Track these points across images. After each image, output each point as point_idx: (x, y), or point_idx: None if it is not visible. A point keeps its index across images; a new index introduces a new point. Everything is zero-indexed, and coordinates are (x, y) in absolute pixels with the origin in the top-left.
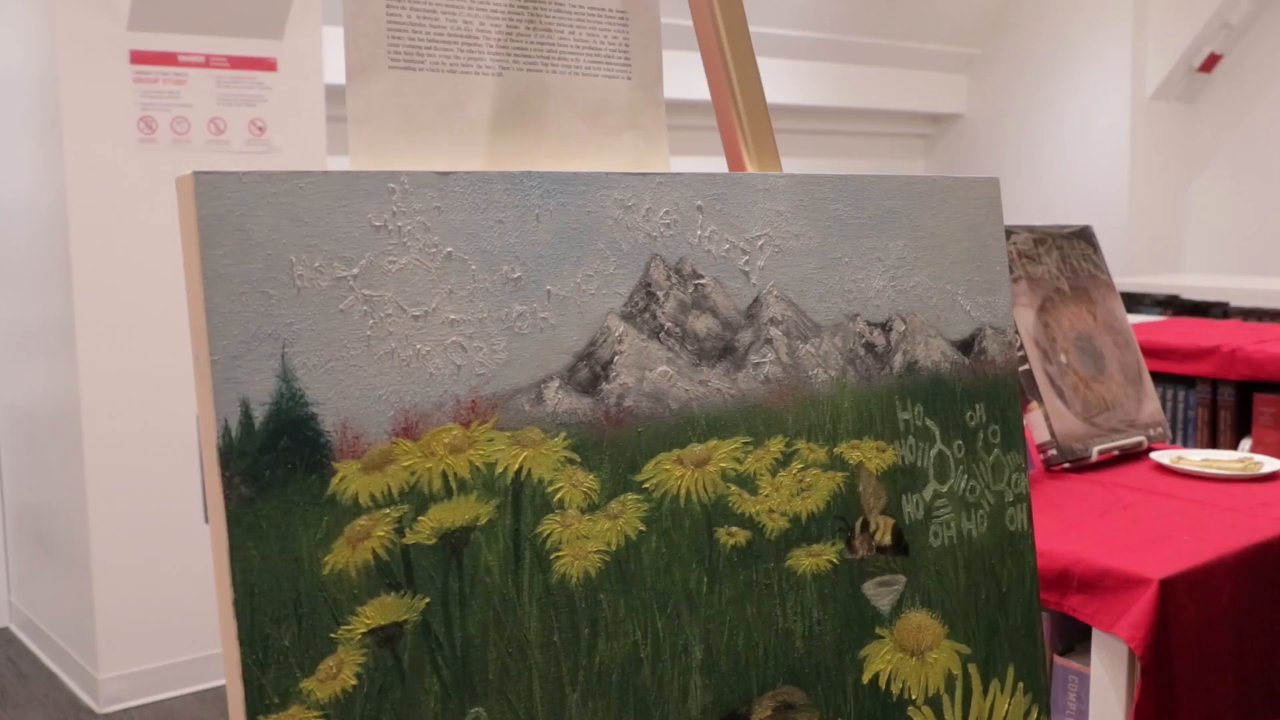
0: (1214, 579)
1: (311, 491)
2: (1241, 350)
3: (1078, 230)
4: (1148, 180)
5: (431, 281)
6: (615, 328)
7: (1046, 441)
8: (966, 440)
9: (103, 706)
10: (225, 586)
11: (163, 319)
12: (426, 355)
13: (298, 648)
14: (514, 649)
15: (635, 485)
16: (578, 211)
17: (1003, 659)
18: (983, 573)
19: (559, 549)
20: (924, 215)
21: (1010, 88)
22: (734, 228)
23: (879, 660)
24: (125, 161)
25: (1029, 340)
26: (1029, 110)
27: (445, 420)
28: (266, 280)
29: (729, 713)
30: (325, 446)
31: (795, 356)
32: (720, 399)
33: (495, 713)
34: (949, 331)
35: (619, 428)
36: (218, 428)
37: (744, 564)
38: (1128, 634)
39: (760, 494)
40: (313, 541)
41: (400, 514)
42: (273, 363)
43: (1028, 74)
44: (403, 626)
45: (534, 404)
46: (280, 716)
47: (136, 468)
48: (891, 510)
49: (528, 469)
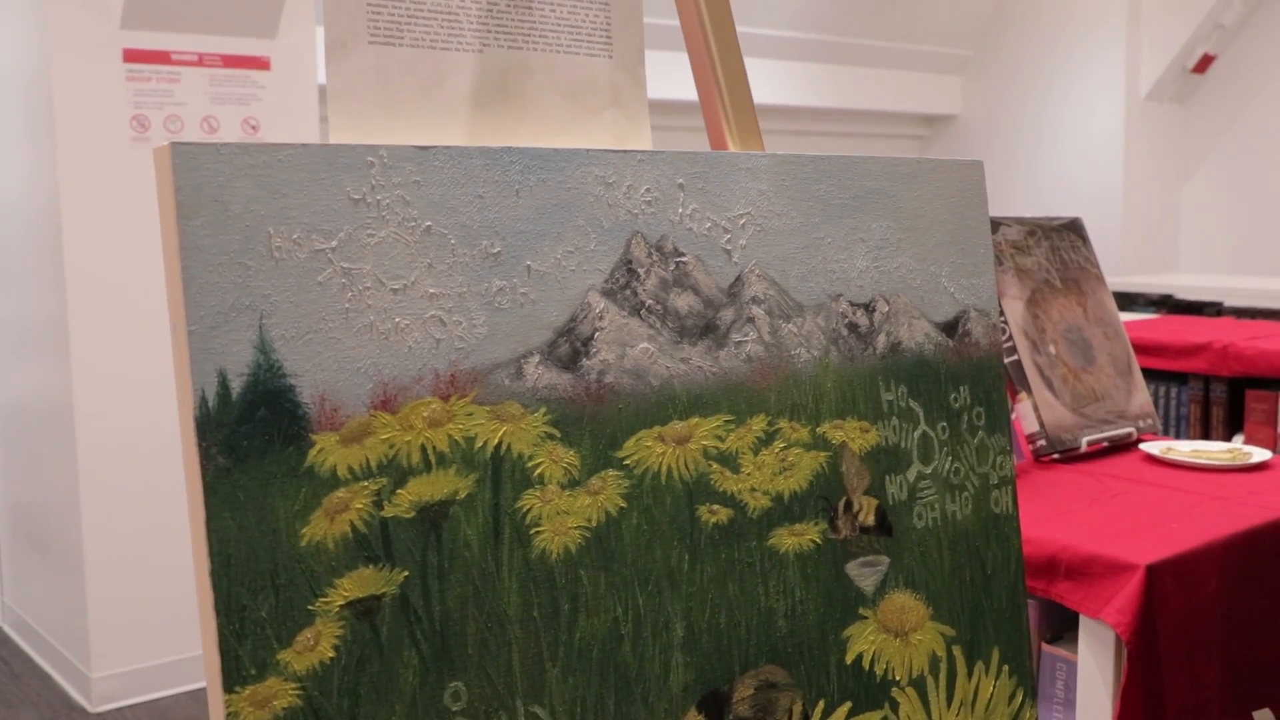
0: (1201, 566)
1: (289, 463)
2: (1234, 346)
3: (1067, 222)
4: (1142, 181)
5: (411, 255)
6: (596, 304)
7: (1036, 432)
8: (951, 422)
9: (95, 705)
10: (202, 557)
11: (156, 318)
12: (405, 329)
13: (275, 619)
14: (493, 624)
15: (616, 462)
16: (558, 188)
17: (987, 642)
18: (967, 555)
19: (539, 524)
20: (907, 197)
21: (1004, 89)
22: (716, 206)
23: (862, 641)
24: (118, 160)
25: (1018, 331)
26: (1023, 111)
27: (424, 394)
28: (244, 251)
29: (711, 691)
30: (303, 418)
31: (777, 336)
32: (702, 377)
33: (475, 687)
34: (933, 313)
35: (600, 404)
36: (195, 398)
37: (726, 542)
38: (1114, 619)
39: (742, 472)
40: (290, 513)
41: (378, 487)
42: (250, 334)
43: (1022, 75)
44: (381, 599)
45: (514, 379)
46: (257, 688)
47: (129, 467)
48: (875, 491)
49: (507, 444)
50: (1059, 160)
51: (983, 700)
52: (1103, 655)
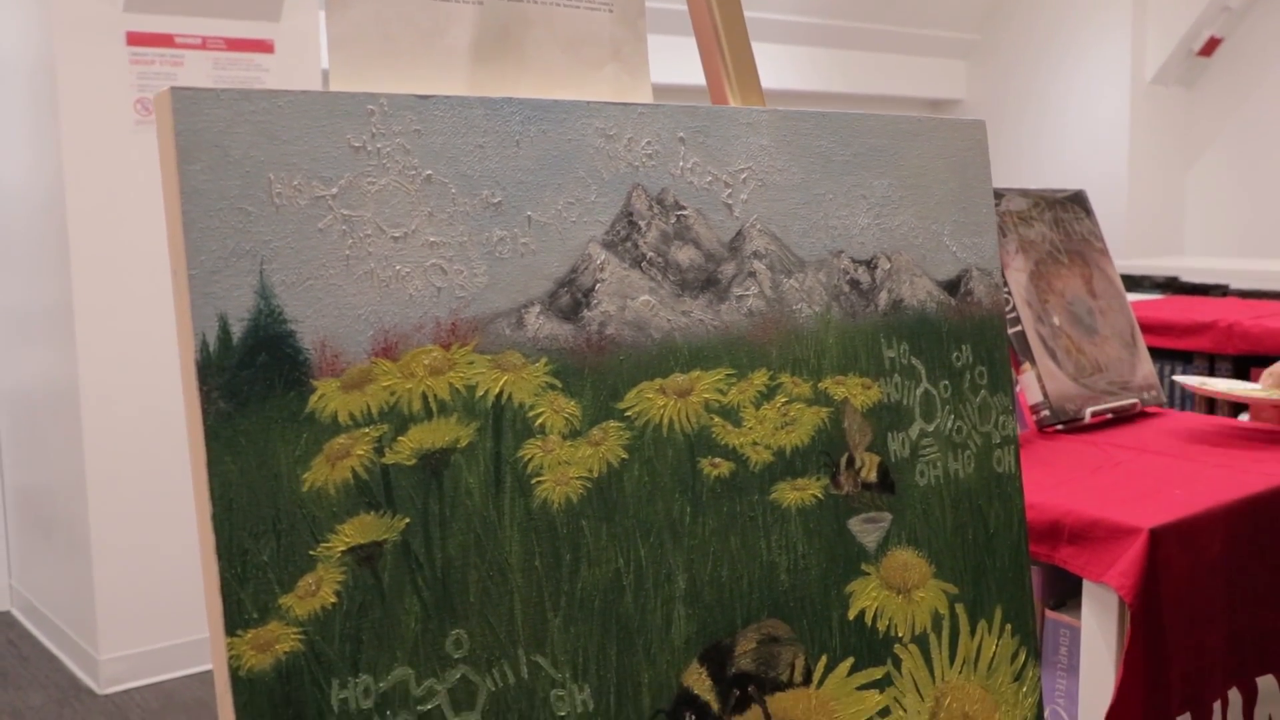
0: (1205, 531)
1: (290, 408)
2: (1239, 325)
3: (1072, 194)
4: (1147, 165)
5: (411, 203)
6: (597, 255)
7: (1039, 402)
8: (953, 380)
9: (103, 688)
10: (203, 501)
11: (161, 302)
12: (406, 276)
13: (277, 563)
14: (495, 572)
15: (617, 413)
16: (558, 139)
17: (990, 600)
18: (970, 513)
19: (540, 474)
20: (909, 154)
21: (1009, 73)
22: (716, 160)
23: (865, 597)
24: (122, 143)
25: (1021, 302)
26: (1028, 95)
27: (425, 342)
28: (244, 197)
29: (713, 644)
30: (304, 364)
31: (779, 290)
32: (703, 330)
33: (476, 635)
34: (935, 271)
35: (601, 355)
36: (195, 342)
37: (727, 495)
38: (1117, 582)
39: (744, 426)
40: (291, 458)
41: (380, 434)
42: (251, 279)
43: (1027, 59)
44: (382, 546)
45: (515, 329)
46: (259, 631)
47: (135, 451)
48: (877, 448)
49: (508, 393)
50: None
51: (985, 659)
52: (1106, 620)
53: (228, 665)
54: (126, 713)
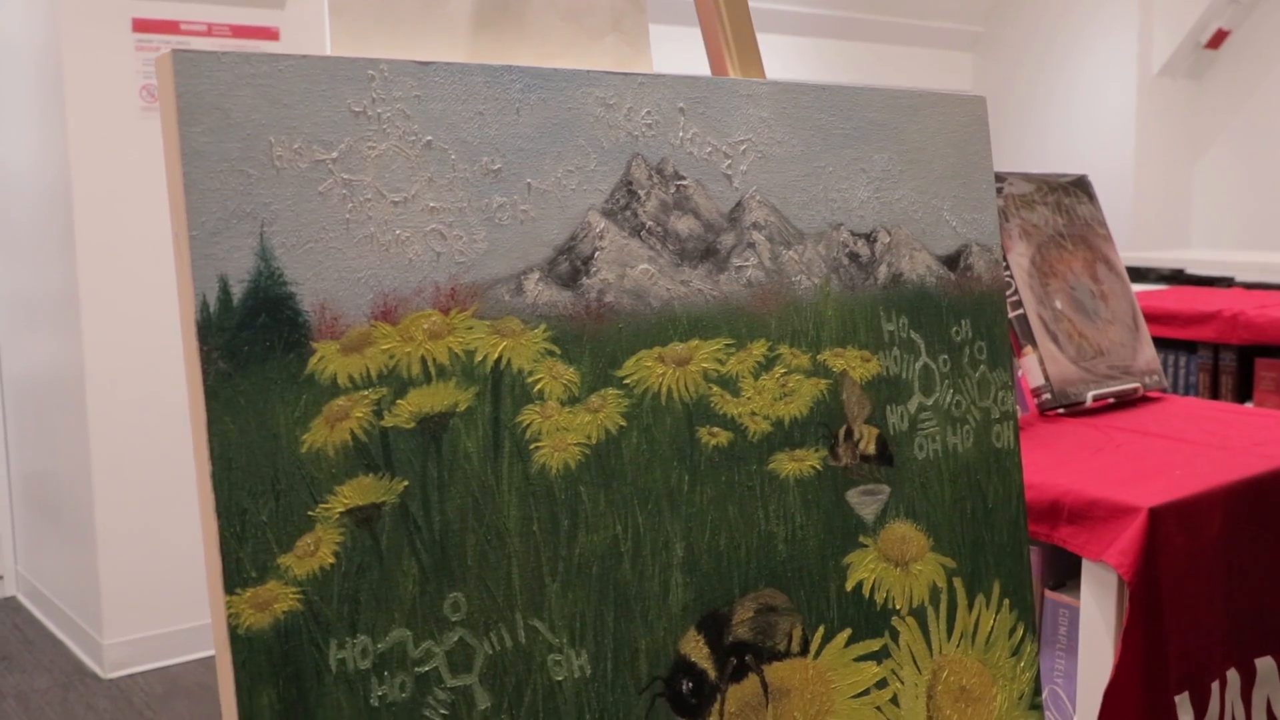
0: (1204, 511)
1: (290, 370)
2: (1243, 315)
3: (1075, 179)
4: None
5: (411, 169)
6: (596, 224)
7: (1041, 386)
8: (952, 355)
9: (107, 672)
10: (203, 460)
11: (167, 289)
12: (406, 241)
13: (275, 523)
14: (493, 536)
15: (616, 380)
16: (558, 107)
17: (988, 575)
18: (968, 487)
19: (539, 439)
20: (909, 129)
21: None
22: (716, 131)
23: (863, 569)
24: (128, 131)
25: (1023, 285)
26: (1034, 87)
27: (424, 306)
28: (245, 159)
29: (710, 612)
30: (304, 326)
31: (778, 262)
32: (702, 300)
33: (474, 598)
34: (934, 246)
35: (599, 322)
36: (196, 302)
37: (726, 465)
38: (1116, 561)
39: (742, 396)
40: (290, 419)
41: (379, 396)
42: (251, 241)
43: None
44: (381, 508)
45: (514, 295)
46: (258, 590)
47: (140, 437)
48: (876, 420)
49: (507, 358)
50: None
51: (983, 633)
52: (1105, 599)
53: (226, 623)
54: (130, 697)
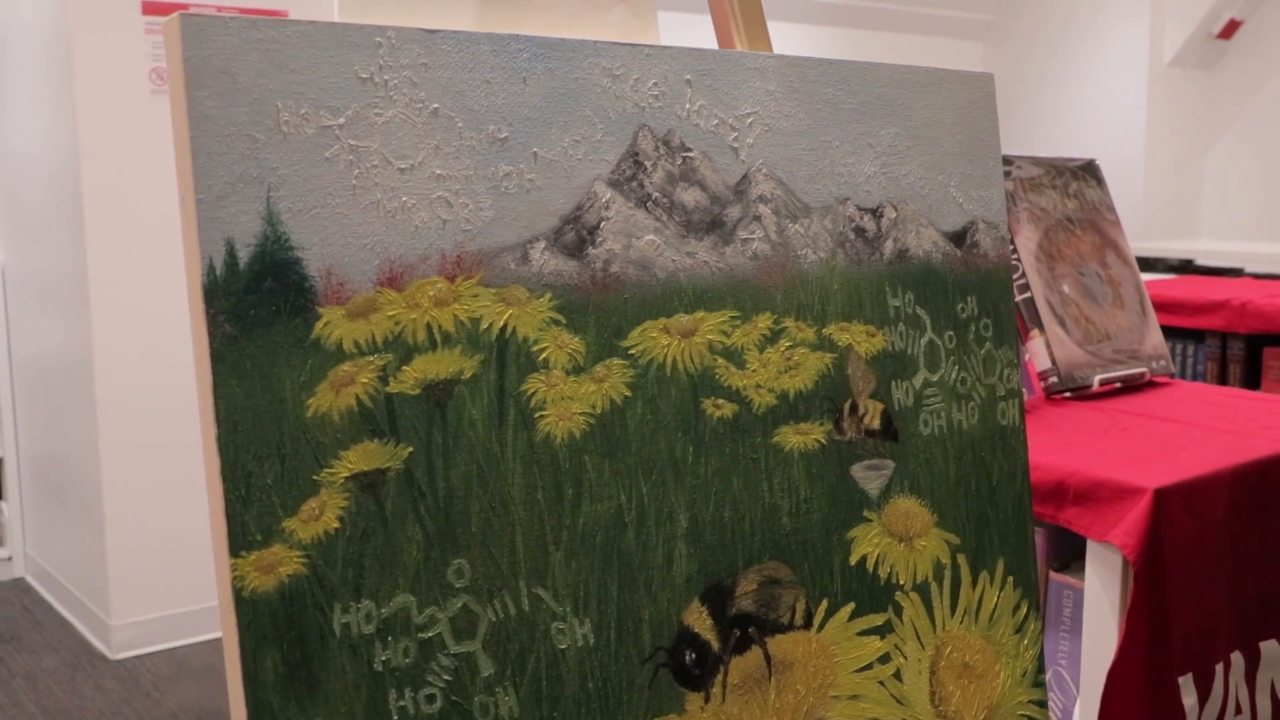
0: (1210, 492)
1: (295, 334)
2: (1252, 304)
3: (1084, 164)
4: (1164, 147)
5: (418, 136)
6: (602, 194)
7: (1047, 369)
8: (958, 331)
9: (115, 653)
10: (209, 423)
11: (176, 272)
12: (412, 208)
13: (280, 487)
14: (497, 504)
15: (621, 351)
16: (565, 77)
17: (993, 552)
18: (973, 464)
19: (543, 408)
20: (916, 105)
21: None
22: (723, 104)
23: (867, 543)
24: (138, 113)
25: (1031, 269)
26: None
27: (430, 273)
28: (252, 124)
29: (714, 583)
30: (310, 291)
31: (784, 235)
32: (708, 272)
33: (478, 565)
34: (941, 222)
35: (605, 292)
36: (202, 265)
37: (730, 437)
38: (1121, 541)
39: (748, 369)
40: (296, 384)
41: (384, 362)
42: (258, 205)
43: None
44: (386, 474)
45: (519, 263)
46: (263, 554)
47: (149, 420)
48: (881, 395)
49: (513, 327)
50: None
51: (987, 610)
52: (1109, 580)
53: (231, 586)
54: (138, 677)
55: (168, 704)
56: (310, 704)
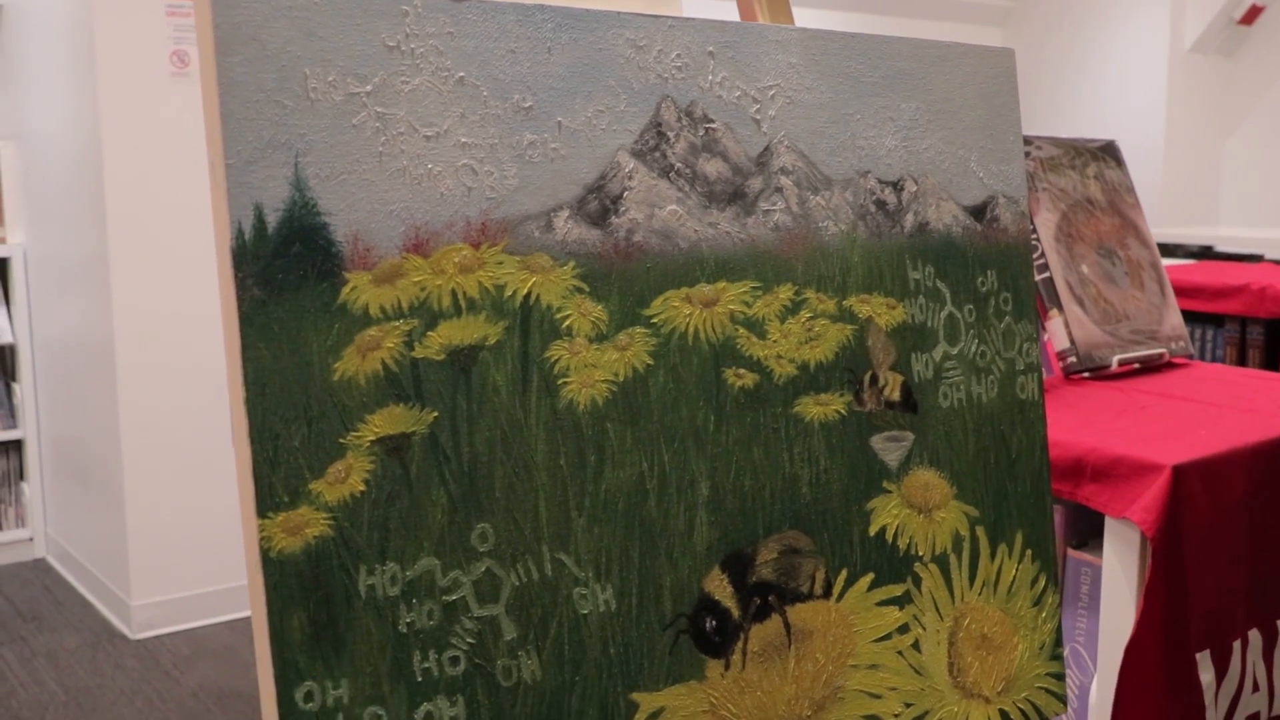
0: (1228, 470)
1: (323, 299)
2: (1272, 288)
3: (1103, 145)
4: (1184, 134)
5: (444, 104)
6: (625, 164)
7: (1066, 349)
8: (978, 305)
9: (135, 633)
10: (237, 385)
11: (196, 253)
12: (438, 175)
13: (307, 449)
14: (521, 469)
15: (643, 319)
16: (589, 48)
17: (1011, 525)
18: (992, 437)
19: (567, 375)
20: (937, 79)
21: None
22: (745, 76)
23: (886, 514)
24: (159, 95)
25: (1050, 248)
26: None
27: (455, 240)
28: (281, 90)
29: (734, 551)
30: (336, 256)
31: (805, 207)
32: (730, 242)
33: (502, 530)
34: (961, 196)
35: (628, 261)
36: (231, 229)
37: (751, 406)
38: (1139, 518)
39: (769, 339)
40: (323, 347)
41: (410, 328)
42: (286, 171)
43: (1064, 26)
44: (411, 438)
45: (544, 231)
46: (290, 515)
47: (169, 401)
48: (901, 367)
49: (536, 294)
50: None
51: (1005, 582)
52: (1128, 556)
53: (259, 546)
54: (158, 657)
55: (187, 683)
56: (336, 664)
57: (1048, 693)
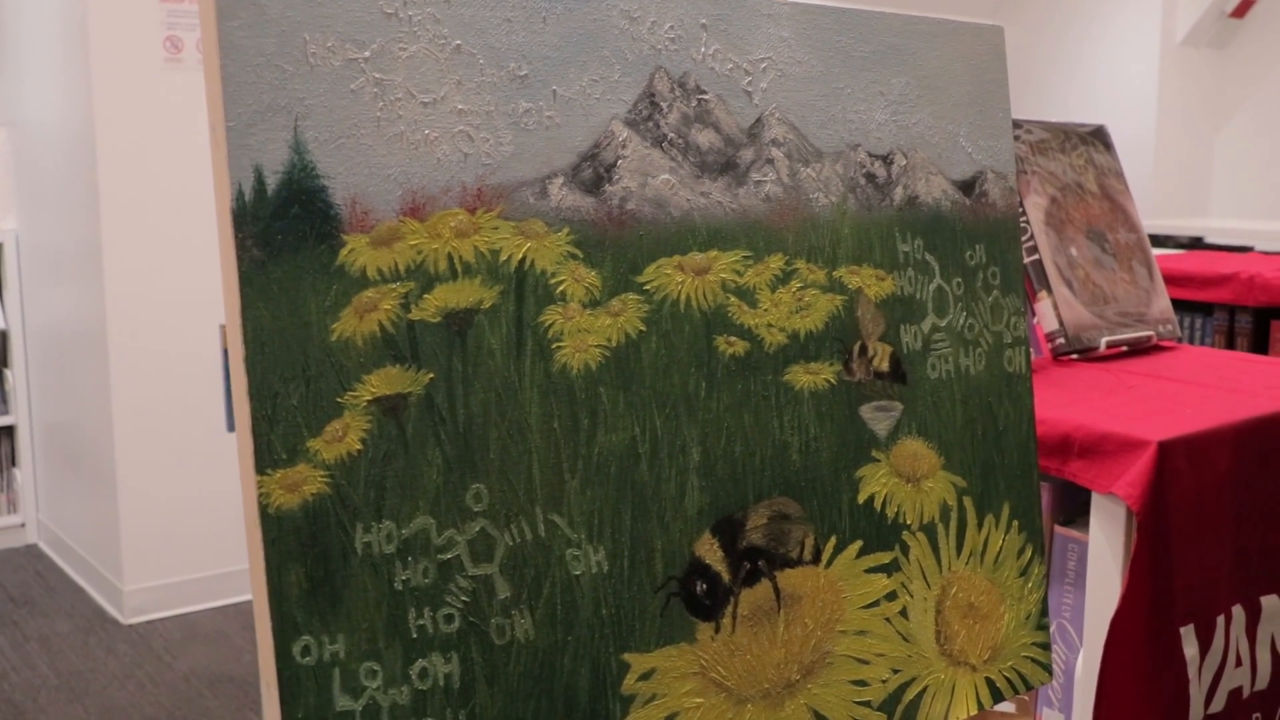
0: (1214, 446)
1: (321, 260)
2: (1260, 277)
3: (1093, 129)
4: (1175, 126)
5: (441, 71)
6: (619, 132)
7: (1055, 330)
8: (966, 278)
9: (127, 618)
10: (237, 344)
11: (189, 240)
12: (435, 141)
13: (305, 408)
14: (515, 431)
15: (636, 286)
16: (584, 18)
17: (998, 496)
18: (979, 409)
19: (560, 339)
20: (927, 55)
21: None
22: (737, 49)
23: (875, 482)
24: (152, 82)
25: (1039, 231)
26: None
27: (451, 205)
28: (280, 55)
29: (725, 516)
30: (335, 219)
31: (796, 179)
32: (721, 211)
33: (496, 490)
34: (950, 171)
35: (621, 228)
36: (232, 191)
37: (742, 373)
38: (1125, 492)
39: (760, 308)
40: (321, 308)
41: (406, 290)
42: (285, 134)
43: (1055, 18)
44: (407, 398)
45: (538, 198)
46: (288, 472)
47: (162, 388)
48: (890, 338)
49: (531, 259)
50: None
51: (992, 552)
52: (1114, 532)
53: (257, 502)
54: (150, 642)
55: (179, 668)
56: (333, 619)
57: (1033, 662)
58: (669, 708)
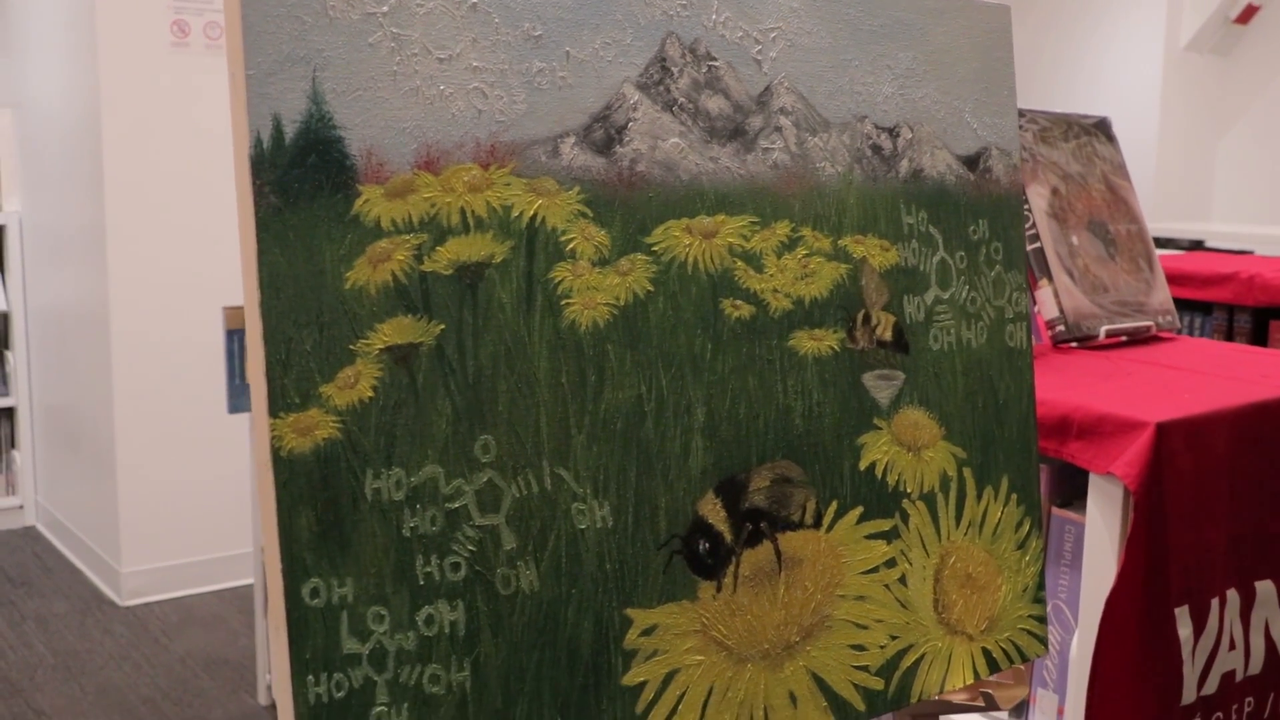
0: (1211, 430)
1: (336, 209)
2: (1260, 277)
3: (1096, 121)
4: (1177, 132)
5: (457, 28)
6: (630, 95)
7: (1055, 318)
8: (969, 252)
9: (124, 599)
10: (253, 289)
11: (193, 225)
12: (450, 97)
13: (318, 353)
14: (523, 385)
15: (645, 246)
16: None
17: (997, 468)
18: (980, 381)
19: (569, 296)
20: (934, 30)
21: (1041, 35)
22: (748, 17)
23: (876, 450)
24: (158, 66)
25: (1041, 219)
26: (1060, 58)
27: (465, 160)
28: (300, 6)
29: (728, 477)
30: (350, 169)
31: (803, 147)
32: (729, 177)
33: (504, 443)
34: (955, 145)
35: (631, 189)
36: (250, 138)
37: (747, 336)
38: (1122, 472)
39: (765, 273)
40: (336, 256)
41: (419, 241)
42: (304, 84)
43: (1060, 22)
44: (418, 348)
45: (550, 156)
46: (300, 416)
47: (163, 371)
48: (893, 308)
49: (542, 216)
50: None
51: (990, 524)
52: (1111, 513)
53: (270, 444)
54: (146, 624)
55: (175, 649)
56: (342, 563)
57: (1029, 634)
58: (670, 664)
